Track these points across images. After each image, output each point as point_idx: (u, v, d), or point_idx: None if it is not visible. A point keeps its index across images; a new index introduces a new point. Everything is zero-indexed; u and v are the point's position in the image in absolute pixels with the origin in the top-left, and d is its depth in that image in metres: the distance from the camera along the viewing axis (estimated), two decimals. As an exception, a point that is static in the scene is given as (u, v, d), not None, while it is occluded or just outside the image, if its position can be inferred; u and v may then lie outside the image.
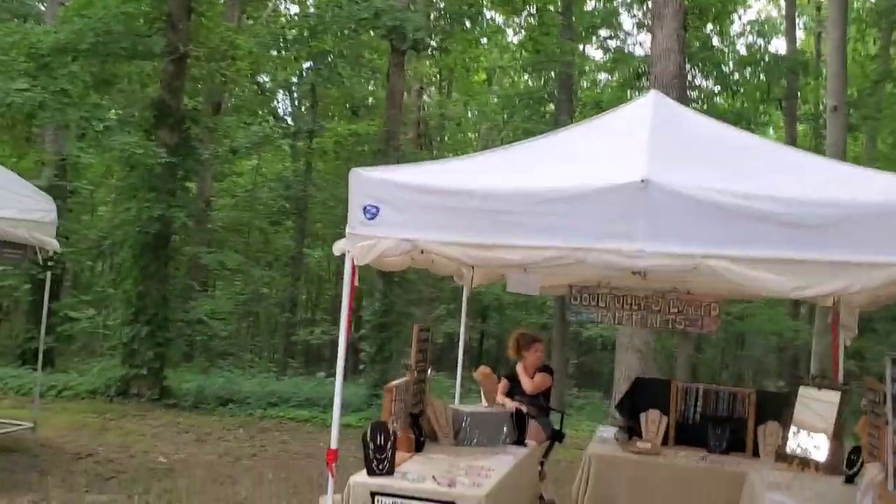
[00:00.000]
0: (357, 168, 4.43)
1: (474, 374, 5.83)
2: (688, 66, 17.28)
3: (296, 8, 20.90)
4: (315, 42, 16.11)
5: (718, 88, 21.46)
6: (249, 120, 22.89)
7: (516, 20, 21.21)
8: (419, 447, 4.92)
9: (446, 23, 18.33)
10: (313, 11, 17.20)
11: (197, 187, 19.58)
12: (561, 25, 18.95)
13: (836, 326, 6.21)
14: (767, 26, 23.48)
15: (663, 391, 6.31)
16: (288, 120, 26.61)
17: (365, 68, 21.61)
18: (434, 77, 26.36)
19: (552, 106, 20.48)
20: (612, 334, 17.38)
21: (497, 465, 4.71)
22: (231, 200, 23.44)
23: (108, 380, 12.39)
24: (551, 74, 20.39)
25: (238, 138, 20.28)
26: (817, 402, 5.70)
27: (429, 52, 17.61)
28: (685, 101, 10.83)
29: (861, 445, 5.01)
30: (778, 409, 5.97)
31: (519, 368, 6.58)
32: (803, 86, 21.46)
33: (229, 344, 21.08)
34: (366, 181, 4.36)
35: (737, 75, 20.77)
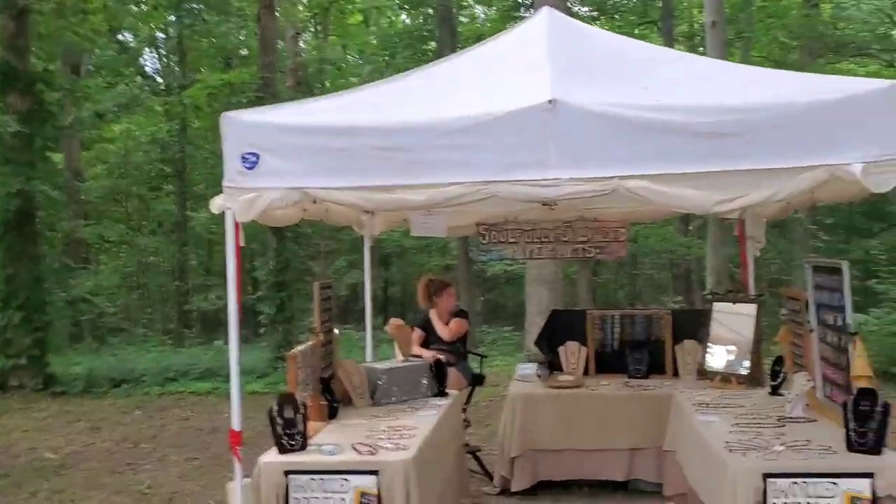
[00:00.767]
0: (229, 112, 3.89)
1: (386, 328, 5.45)
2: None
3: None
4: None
5: (597, 13, 21.42)
6: (114, 80, 21.34)
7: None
8: (333, 414, 4.53)
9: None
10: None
11: (63, 157, 18.15)
12: (434, -43, 18.31)
13: (744, 238, 6.16)
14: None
15: (579, 321, 6.13)
16: (157, 78, 25.06)
17: (234, 16, 20.38)
18: (309, 21, 25.22)
19: (434, 44, 19.90)
20: (517, 268, 17.38)
21: (420, 423, 4.38)
22: (104, 168, 21.92)
23: (-17, 374, 11.38)
24: (429, 11, 19.76)
25: (103, 101, 18.85)
26: (733, 317, 5.63)
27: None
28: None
29: (783, 356, 4.95)
30: (694, 328, 5.89)
31: (432, 316, 6.25)
32: (678, 4, 21.62)
33: (120, 320, 19.96)
34: (240, 126, 3.83)
35: (614, -1, 20.76)
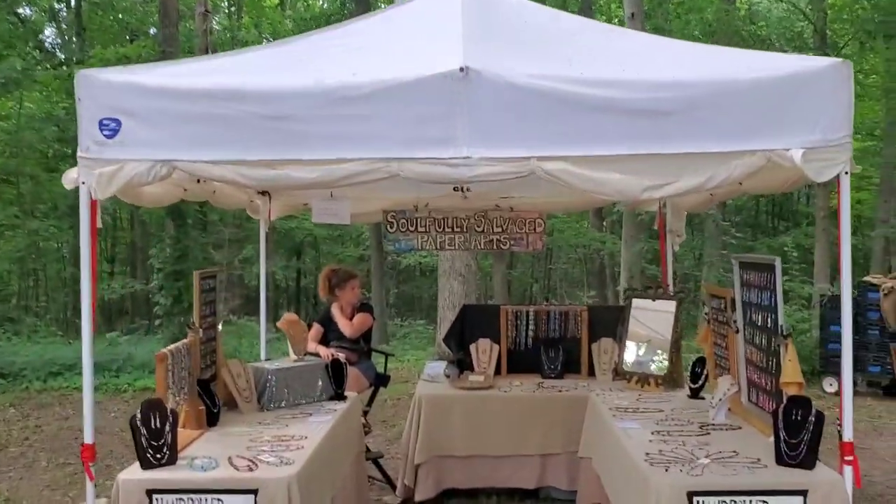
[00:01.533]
0: (85, 70, 3.29)
1: (278, 324, 4.91)
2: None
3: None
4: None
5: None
6: (5, 52, 19.83)
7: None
8: (213, 421, 3.99)
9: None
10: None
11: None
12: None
13: (664, 231, 5.89)
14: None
15: (492, 317, 5.74)
16: (57, 52, 23.55)
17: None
18: (222, 2, 24.17)
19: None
20: (432, 260, 16.97)
21: (311, 431, 3.89)
22: (-8, 147, 20.36)
23: None
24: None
25: (-11, 74, 17.42)
26: (652, 314, 5.34)
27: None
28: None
29: (705, 357, 4.67)
30: (612, 325, 5.58)
31: (334, 310, 5.75)
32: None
33: (10, 308, 18.59)
34: (99, 87, 3.24)
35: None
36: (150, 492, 3.21)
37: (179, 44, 14.53)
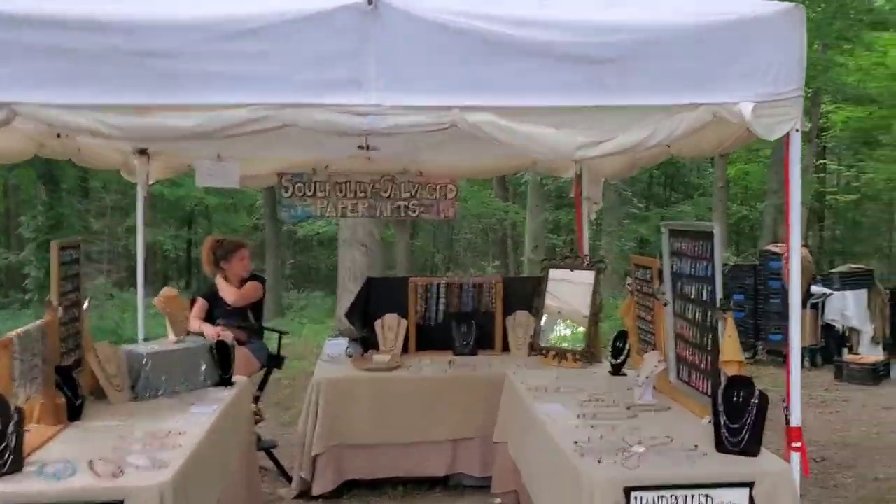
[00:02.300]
0: None
1: (154, 302, 4.31)
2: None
3: None
4: None
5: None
6: None
7: None
8: (75, 415, 3.39)
9: None
10: None
11: None
12: None
13: (580, 198, 5.58)
14: None
15: (399, 291, 5.29)
16: None
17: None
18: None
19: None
20: (331, 229, 16.33)
21: (192, 424, 3.36)
22: None
23: None
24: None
25: None
26: (570, 285, 5.03)
27: None
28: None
29: (627, 330, 4.38)
30: (527, 297, 5.25)
31: (219, 282, 5.15)
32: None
33: None
34: (-89, 7, 2.57)
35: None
36: (-12, 508, 2.63)
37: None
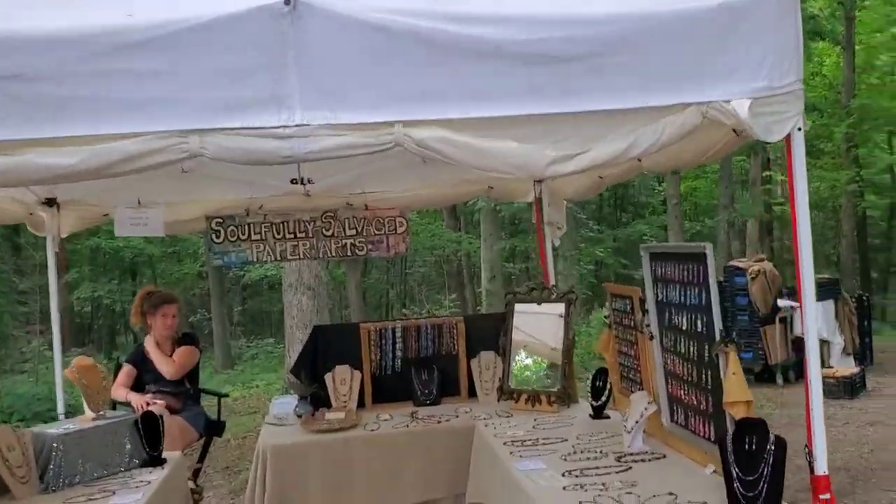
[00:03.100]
0: None
1: (65, 373, 3.73)
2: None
3: None
4: None
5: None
6: None
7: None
8: (-39, 523, 2.80)
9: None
10: None
11: None
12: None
13: (541, 224, 5.16)
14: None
15: (350, 338, 4.76)
16: None
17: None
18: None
19: None
20: (279, 271, 15.71)
21: (109, 523, 2.79)
22: None
23: None
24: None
25: None
26: (538, 319, 4.58)
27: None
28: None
29: (608, 368, 3.94)
30: (491, 336, 4.77)
31: (149, 345, 4.59)
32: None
33: None
34: None
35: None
36: None
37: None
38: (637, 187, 26.22)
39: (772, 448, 2.51)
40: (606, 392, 3.92)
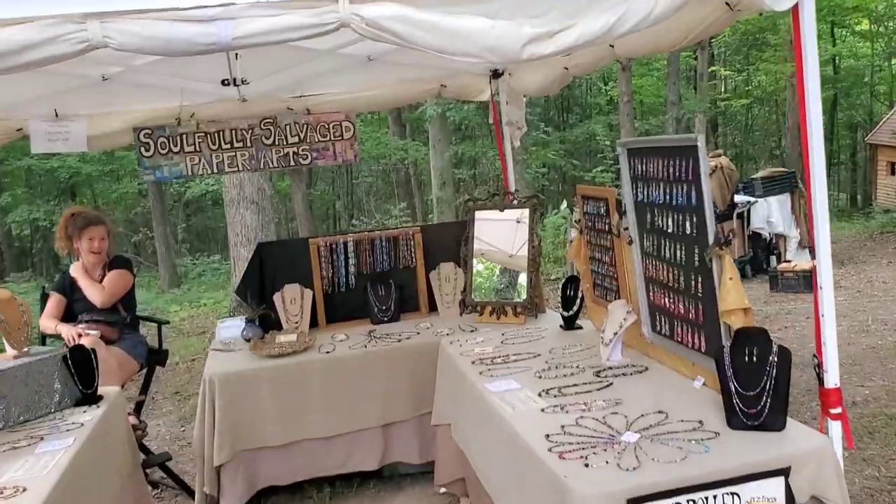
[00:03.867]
0: None
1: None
2: None
3: None
4: None
5: None
6: None
7: None
8: None
9: None
10: None
11: None
12: None
13: (499, 126, 4.81)
14: None
15: (298, 254, 4.43)
16: None
17: None
18: None
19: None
20: (220, 185, 15.11)
21: (37, 470, 2.48)
22: None
23: None
24: None
25: None
26: (500, 227, 4.30)
27: None
28: None
29: (579, 275, 3.68)
30: (451, 246, 4.49)
31: (76, 272, 4.17)
32: None
33: None
34: None
35: None
36: None
37: None
38: (583, 88, 25.80)
39: (774, 360, 2.29)
40: (578, 301, 3.68)
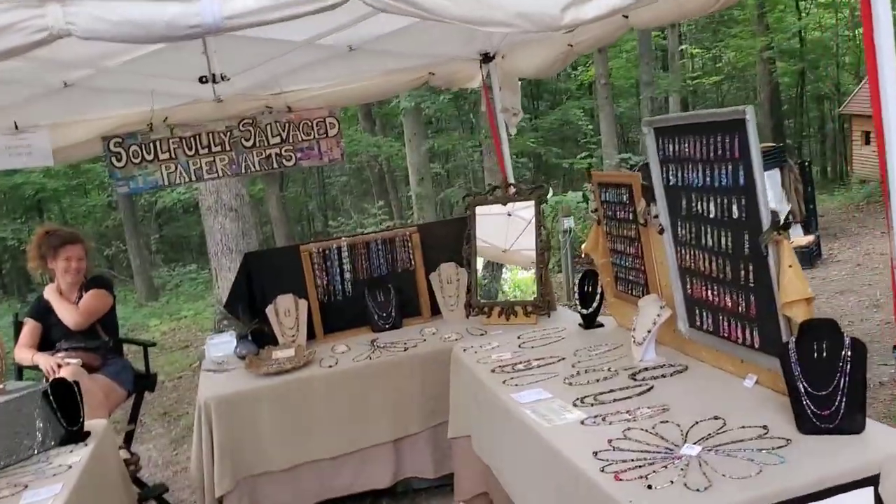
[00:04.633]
0: None
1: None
2: None
3: None
4: None
5: None
6: None
7: None
8: None
9: None
10: None
11: None
12: None
13: (493, 113, 4.54)
14: None
15: (289, 263, 4.12)
16: None
17: None
18: None
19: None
20: (193, 193, 14.69)
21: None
22: None
23: None
24: None
25: None
26: (503, 222, 4.04)
27: None
28: None
29: (597, 270, 3.42)
30: (452, 245, 4.22)
31: (50, 295, 3.84)
32: None
33: None
34: None
35: None
36: None
37: None
38: (557, 74, 25.53)
39: (848, 354, 2.05)
40: (597, 298, 3.42)
